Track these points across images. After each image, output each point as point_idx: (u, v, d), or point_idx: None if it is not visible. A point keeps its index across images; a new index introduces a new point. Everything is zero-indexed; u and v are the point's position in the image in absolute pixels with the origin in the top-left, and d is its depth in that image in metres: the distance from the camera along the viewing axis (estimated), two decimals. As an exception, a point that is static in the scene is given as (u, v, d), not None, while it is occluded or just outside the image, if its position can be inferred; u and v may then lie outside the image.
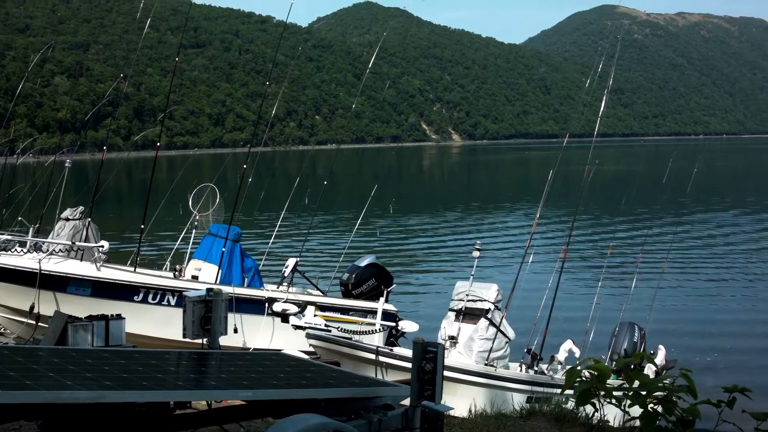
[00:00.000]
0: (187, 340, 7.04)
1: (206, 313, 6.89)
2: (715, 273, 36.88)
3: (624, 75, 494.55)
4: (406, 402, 5.59)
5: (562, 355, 15.80)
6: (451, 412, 11.19)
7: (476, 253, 15.31)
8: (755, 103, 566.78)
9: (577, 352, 15.69)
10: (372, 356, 13.16)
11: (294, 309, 15.93)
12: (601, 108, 18.35)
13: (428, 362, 5.35)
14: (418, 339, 5.50)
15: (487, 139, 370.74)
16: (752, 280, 35.14)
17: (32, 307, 15.79)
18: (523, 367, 15.23)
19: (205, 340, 6.96)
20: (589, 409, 7.25)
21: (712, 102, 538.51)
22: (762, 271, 37.16)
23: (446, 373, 13.02)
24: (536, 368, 15.29)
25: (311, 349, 13.78)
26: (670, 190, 67.75)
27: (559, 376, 14.68)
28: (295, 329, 14.91)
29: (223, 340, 7.39)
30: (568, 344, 15.96)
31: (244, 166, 19.69)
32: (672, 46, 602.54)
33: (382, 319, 16.75)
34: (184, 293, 7.97)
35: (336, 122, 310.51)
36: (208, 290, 7.02)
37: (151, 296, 16.95)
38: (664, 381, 6.27)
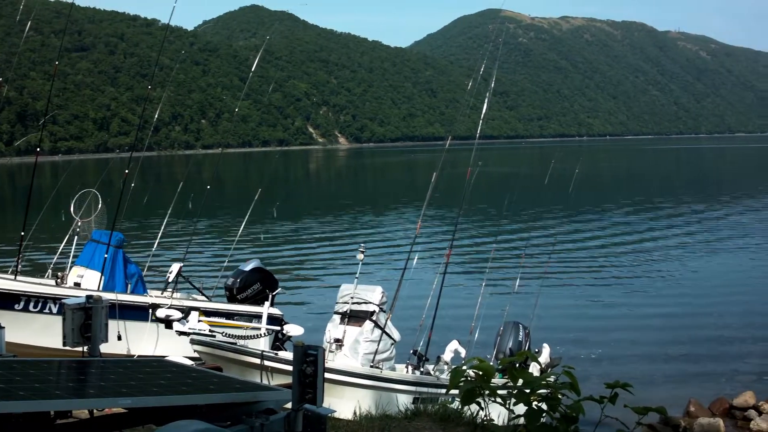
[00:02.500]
0: (68, 348, 6.90)
1: (86, 321, 6.74)
2: (597, 272, 37.56)
3: (509, 78, 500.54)
4: (289, 406, 5.54)
5: (447, 356, 15.87)
6: (338, 415, 11.16)
7: (360, 256, 15.30)
8: (637, 105, 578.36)
9: (463, 352, 15.78)
10: (257, 361, 13.07)
11: (178, 315, 15.75)
12: (484, 110, 18.46)
13: (309, 365, 5.30)
14: (298, 342, 5.45)
15: (374, 142, 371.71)
16: (634, 278, 35.84)
17: None
18: (409, 368, 15.27)
19: (85, 348, 6.81)
20: (474, 408, 7.26)
21: (595, 104, 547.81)
22: (643, 270, 37.94)
23: (332, 376, 13.08)
24: (422, 369, 15.36)
25: (196, 355, 13.63)
26: (552, 191, 68.79)
27: (445, 376, 14.73)
28: (180, 335, 14.76)
29: (107, 348, 7.25)
30: (453, 344, 16.05)
31: (126, 171, 19.42)
32: (556, 50, 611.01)
33: (268, 324, 16.67)
34: (63, 301, 7.81)
35: (222, 126, 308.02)
36: (88, 297, 6.87)
37: (32, 304, 16.63)
38: (548, 379, 6.32)
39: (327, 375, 12.74)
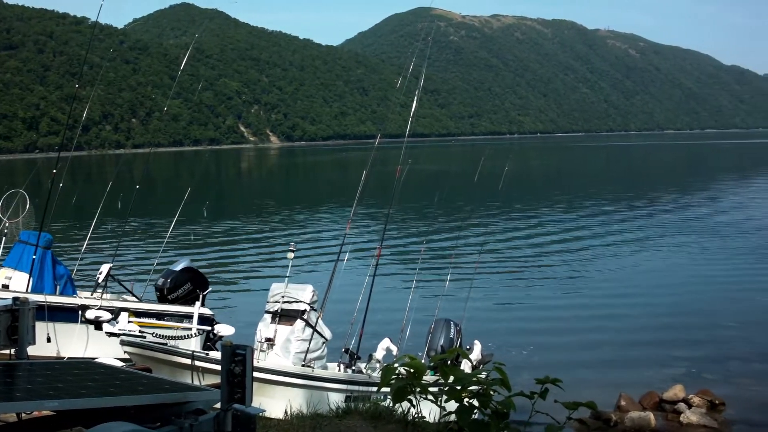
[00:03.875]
0: (-5, 351, 6.80)
1: (13, 323, 6.64)
2: (527, 269, 37.86)
3: (440, 76, 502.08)
4: (219, 406, 5.50)
5: (379, 354, 15.87)
6: (269, 414, 11.10)
7: (291, 255, 15.24)
8: (567, 103, 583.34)
9: (395, 350, 15.79)
10: (188, 361, 12.98)
11: (107, 316, 15.60)
12: (413, 108, 18.48)
13: (237, 365, 5.26)
14: (226, 342, 5.41)
15: (305, 141, 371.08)
16: (564, 274, 36.15)
17: None
18: (342, 366, 15.24)
19: (12, 350, 6.71)
20: (405, 405, 7.26)
21: (526, 102, 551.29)
22: (573, 266, 38.27)
23: (264, 376, 13.02)
24: (354, 367, 15.34)
25: (127, 356, 13.51)
26: (482, 189, 69.12)
27: (377, 374, 14.73)
28: (110, 336, 14.62)
29: (37, 350, 7.15)
30: (385, 342, 16.05)
31: (54, 171, 19.18)
32: (487, 48, 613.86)
33: (199, 324, 16.57)
34: (-11, 303, 7.68)
35: (153, 125, 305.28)
36: (15, 299, 6.77)
37: None
38: (479, 375, 6.33)
39: (258, 374, 12.74)
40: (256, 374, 12.65)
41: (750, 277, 34.26)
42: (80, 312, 16.73)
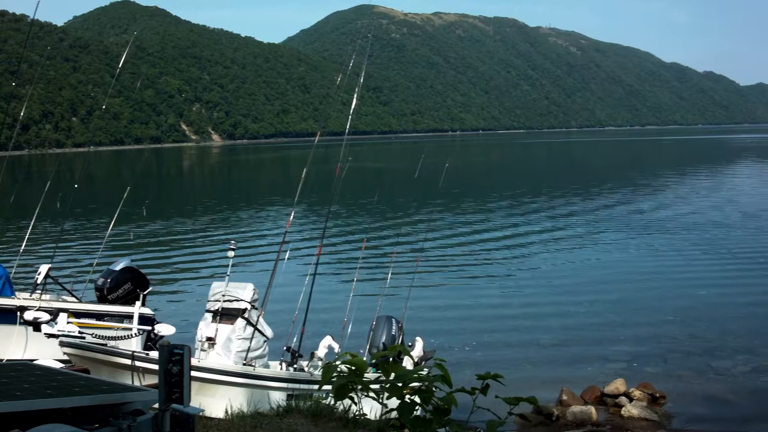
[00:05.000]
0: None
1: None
2: (468, 265, 38.02)
3: (382, 74, 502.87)
4: (158, 406, 5.45)
5: (321, 351, 15.83)
6: (210, 414, 11.06)
7: (231, 253, 15.15)
8: (509, 100, 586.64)
9: (337, 348, 15.75)
10: (128, 361, 12.85)
11: (46, 317, 15.40)
12: (353, 105, 18.45)
13: (174, 365, 5.22)
14: (164, 342, 5.37)
15: (248, 139, 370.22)
16: (505, 270, 36.32)
17: None
18: (283, 365, 15.19)
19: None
20: (347, 403, 7.25)
21: (468, 99, 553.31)
22: (514, 262, 38.50)
23: (205, 375, 12.95)
24: (296, 365, 15.29)
25: (67, 357, 13.36)
26: (423, 186, 69.34)
27: (319, 372, 14.69)
28: (48, 337, 14.45)
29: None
30: (327, 340, 16.01)
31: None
32: (429, 45, 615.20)
33: (139, 324, 16.43)
34: None
35: (93, 124, 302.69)
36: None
37: None
38: (420, 372, 6.33)
39: (199, 374, 12.67)
40: (197, 374, 12.63)
41: (692, 273, 34.60)
42: (18, 313, 16.51)
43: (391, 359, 9.60)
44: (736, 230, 46.79)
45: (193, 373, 12.74)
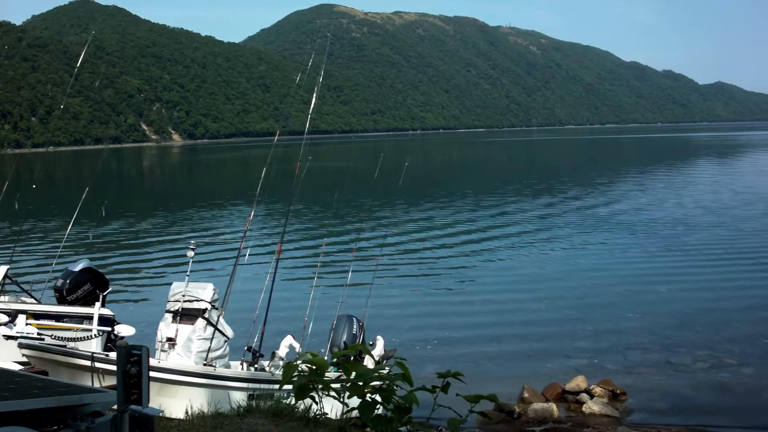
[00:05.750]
0: None
1: None
2: (429, 263, 38.09)
3: (343, 73, 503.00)
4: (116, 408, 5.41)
5: (282, 351, 15.78)
6: (171, 415, 10.99)
7: (191, 253, 15.06)
8: (469, 99, 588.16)
9: (298, 347, 15.72)
10: (88, 363, 12.76)
11: (5, 319, 15.26)
12: (312, 104, 18.42)
13: (133, 365, 5.17)
14: (122, 343, 5.32)
15: (208, 139, 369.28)
16: (465, 269, 36.44)
17: None
18: (244, 365, 15.15)
19: None
20: (308, 402, 7.23)
21: (428, 98, 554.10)
22: (474, 260, 38.64)
23: (165, 376, 12.88)
24: (257, 365, 15.24)
25: (25, 359, 13.25)
26: (383, 185, 69.39)
27: (280, 372, 14.65)
28: (7, 339, 14.32)
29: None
30: (288, 340, 15.97)
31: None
32: (389, 45, 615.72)
33: (99, 325, 16.30)
34: None
35: (53, 124, 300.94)
36: None
37: None
38: (381, 371, 6.32)
39: (160, 374, 12.60)
40: (157, 374, 12.56)
41: (651, 269, 34.83)
42: None
43: (352, 358, 9.60)
44: (694, 227, 47.12)
45: (154, 374, 12.69)
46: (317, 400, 6.56)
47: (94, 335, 15.76)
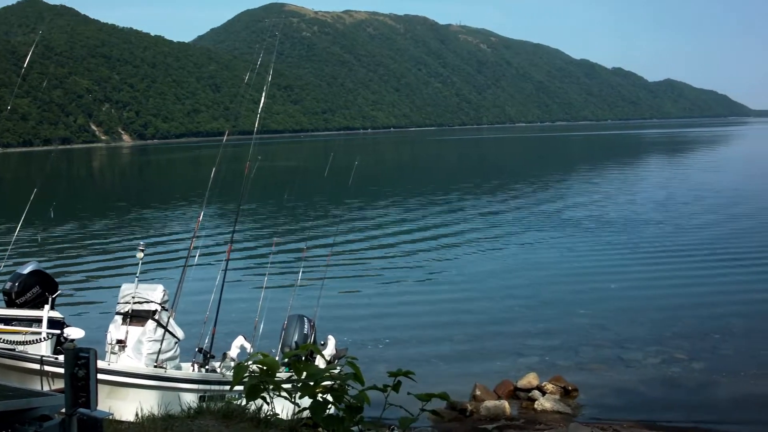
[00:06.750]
0: None
1: None
2: (380, 262, 38.14)
3: (294, 72, 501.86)
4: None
5: (234, 352, 15.74)
6: (122, 417, 10.93)
7: (140, 254, 14.96)
8: (420, 98, 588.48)
9: (249, 348, 15.68)
10: (37, 366, 12.68)
11: (-48, 323, 15.11)
12: (261, 103, 18.35)
13: (81, 368, 5.13)
14: (69, 346, 5.28)
15: (158, 139, 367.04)
16: (416, 268, 36.51)
17: None
18: (195, 366, 15.08)
19: None
20: (260, 403, 7.21)
21: (379, 97, 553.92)
22: (425, 259, 38.77)
23: (115, 378, 12.79)
24: (208, 366, 15.18)
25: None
26: (333, 184, 69.43)
27: (231, 373, 14.59)
28: (-47, 344, 14.17)
29: None
30: (239, 340, 15.93)
31: None
32: (340, 44, 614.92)
33: (48, 328, 16.16)
34: None
35: (1, 125, 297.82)
36: None
37: None
38: (332, 370, 6.32)
39: (110, 377, 12.51)
40: (107, 377, 12.47)
41: (601, 267, 35.14)
42: None
43: (303, 358, 9.59)
44: (643, 224, 47.53)
45: (104, 377, 12.62)
46: (268, 400, 6.53)
47: (44, 338, 15.62)
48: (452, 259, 38.48)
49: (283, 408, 8.09)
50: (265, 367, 6.37)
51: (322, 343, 16.80)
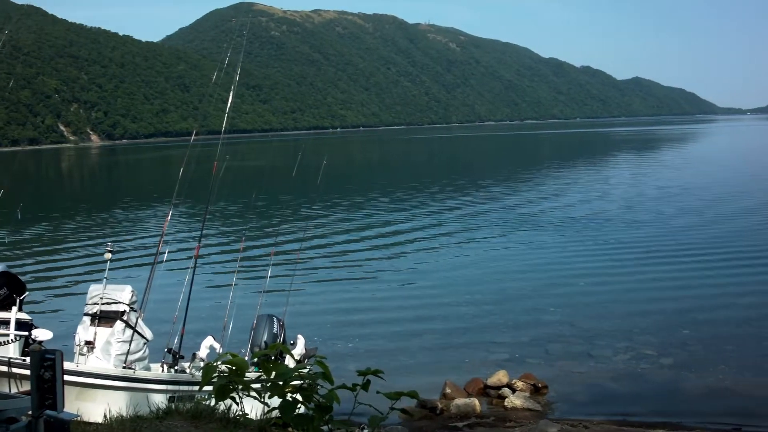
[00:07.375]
0: None
1: None
2: (348, 262, 38.12)
3: (262, 71, 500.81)
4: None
5: (203, 352, 15.70)
6: (90, 419, 10.87)
7: (108, 255, 14.88)
8: (390, 96, 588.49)
9: (218, 348, 15.65)
10: (4, 368, 12.60)
11: None
12: (229, 103, 18.32)
13: (47, 370, 5.11)
14: (35, 347, 5.25)
15: (127, 139, 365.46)
16: (385, 267, 36.59)
17: None
18: (164, 367, 15.03)
19: None
20: (229, 403, 7.20)
21: (348, 96, 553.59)
22: (394, 258, 38.83)
23: (84, 379, 12.72)
24: (177, 367, 15.13)
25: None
26: (301, 183, 69.39)
27: (200, 373, 14.55)
28: None
29: None
30: (208, 341, 15.89)
31: None
32: (309, 43, 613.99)
33: (16, 329, 16.07)
34: None
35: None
36: None
37: None
38: (302, 370, 6.31)
39: (78, 378, 12.44)
40: (75, 378, 12.40)
41: (570, 264, 35.28)
42: None
43: (272, 358, 9.57)
44: (611, 221, 47.77)
45: (72, 378, 12.56)
46: (238, 400, 6.52)
47: (11, 340, 15.53)
48: (421, 257, 38.52)
49: (252, 408, 8.07)
50: (234, 367, 6.36)
51: (292, 342, 16.78)
